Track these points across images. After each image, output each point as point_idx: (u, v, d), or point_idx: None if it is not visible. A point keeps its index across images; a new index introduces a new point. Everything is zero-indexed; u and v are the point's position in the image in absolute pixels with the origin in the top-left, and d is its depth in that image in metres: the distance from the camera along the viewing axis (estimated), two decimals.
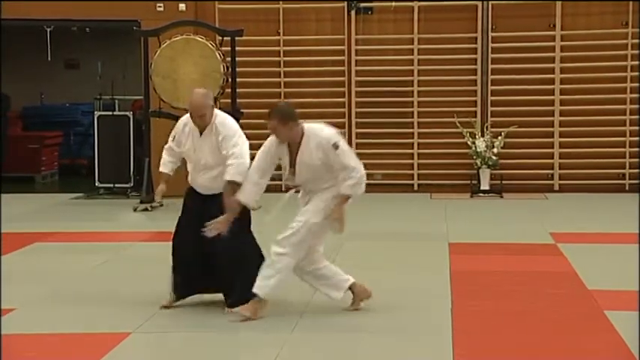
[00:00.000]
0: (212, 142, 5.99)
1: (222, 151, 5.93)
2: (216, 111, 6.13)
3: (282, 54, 12.93)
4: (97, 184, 12.82)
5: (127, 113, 13.01)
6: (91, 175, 13.24)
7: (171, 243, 6.21)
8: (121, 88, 13.51)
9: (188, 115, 6.14)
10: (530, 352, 5.18)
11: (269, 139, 5.98)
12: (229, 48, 11.36)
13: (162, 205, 11.42)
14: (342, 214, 5.80)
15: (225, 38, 11.40)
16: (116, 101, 13.45)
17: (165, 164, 6.37)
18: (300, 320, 5.80)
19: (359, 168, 5.81)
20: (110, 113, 13.02)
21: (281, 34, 12.91)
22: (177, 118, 11.36)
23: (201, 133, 6.06)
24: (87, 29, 13.53)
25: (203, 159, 6.03)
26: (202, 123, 6.02)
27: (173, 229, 6.22)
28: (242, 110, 11.54)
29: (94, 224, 10.16)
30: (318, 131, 5.86)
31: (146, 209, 11.17)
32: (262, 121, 14.06)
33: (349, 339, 5.49)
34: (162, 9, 12.48)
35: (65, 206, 11.83)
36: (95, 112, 13.26)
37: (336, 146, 5.77)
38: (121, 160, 12.67)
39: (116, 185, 12.73)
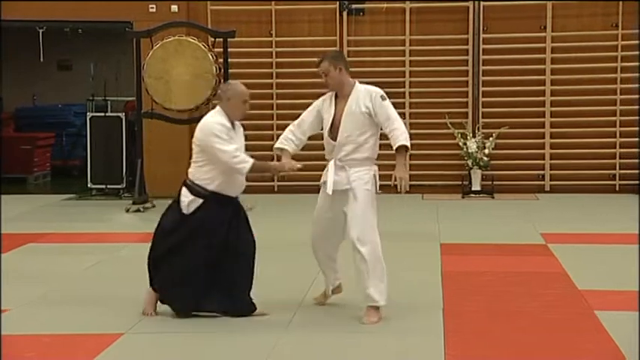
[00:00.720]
0: (239, 134, 6.08)
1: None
2: None
3: (274, 55, 12.95)
4: (89, 185, 12.82)
5: (120, 114, 13.01)
6: (83, 176, 13.23)
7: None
8: (113, 90, 13.52)
9: (216, 116, 5.92)
10: (521, 352, 5.21)
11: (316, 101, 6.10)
12: (222, 49, 11.37)
13: (154, 207, 11.47)
14: (406, 171, 6.09)
15: (217, 39, 11.42)
16: (109, 102, 13.45)
17: None
18: (291, 321, 5.82)
19: (401, 121, 6.03)
20: (103, 114, 13.02)
21: (273, 35, 12.93)
22: (169, 119, 11.52)
23: (234, 129, 6.01)
24: (79, 30, 13.52)
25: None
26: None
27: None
28: None
29: (87, 225, 10.16)
30: (369, 86, 6.07)
31: (138, 210, 11.18)
32: (254, 121, 14.14)
33: (340, 339, 5.51)
34: (154, 10, 12.49)
35: (57, 207, 11.83)
36: (88, 113, 13.25)
37: (383, 98, 5.98)
38: (113, 161, 12.67)
39: (108, 186, 12.73)
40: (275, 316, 5.93)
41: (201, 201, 5.83)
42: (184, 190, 5.88)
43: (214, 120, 5.83)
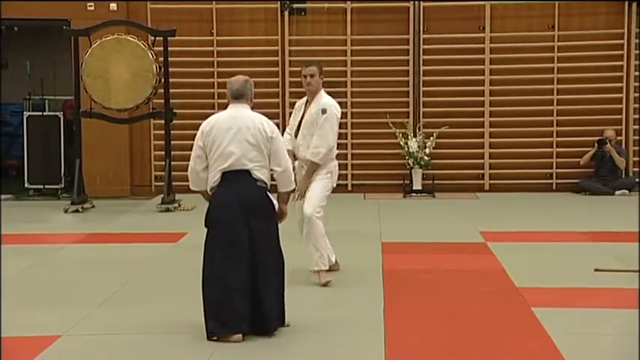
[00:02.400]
0: None
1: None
2: None
3: (215, 54, 12.89)
4: (26, 186, 12.62)
5: (58, 113, 12.83)
6: (20, 176, 13.02)
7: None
8: (51, 88, 13.31)
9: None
10: (460, 348, 5.27)
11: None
12: (162, 48, 11.28)
13: (93, 207, 11.32)
14: (305, 182, 6.81)
15: (157, 38, 11.31)
16: (46, 101, 13.25)
17: None
18: None
19: (330, 144, 6.73)
20: (40, 113, 12.83)
21: (214, 34, 12.87)
22: (108, 119, 11.38)
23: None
24: (15, 28, 13.27)
25: None
26: None
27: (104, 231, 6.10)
28: (175, 111, 11.47)
29: (24, 226, 9.98)
30: (326, 96, 6.93)
31: (77, 210, 11.03)
32: (196, 121, 13.99)
33: (281, 338, 5.50)
34: (92, 8, 12.33)
35: None
36: (24, 113, 13.04)
37: (324, 112, 6.74)
38: (51, 161, 12.50)
39: (46, 186, 12.56)
40: None
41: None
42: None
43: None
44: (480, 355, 5.18)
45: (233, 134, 5.50)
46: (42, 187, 12.53)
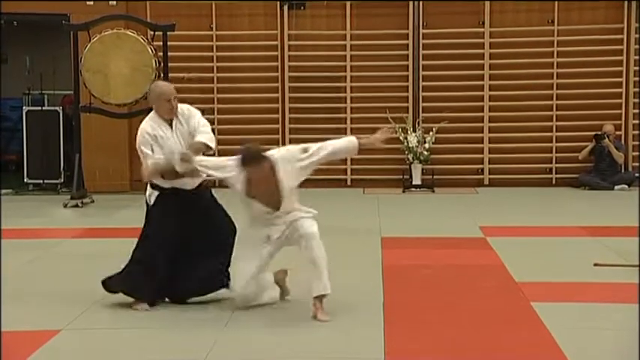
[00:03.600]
0: (184, 129, 6.01)
1: (198, 129, 5.98)
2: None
3: (215, 49, 12.88)
4: (26, 180, 12.62)
5: (57, 108, 12.83)
6: (19, 171, 13.01)
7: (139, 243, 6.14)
8: (50, 83, 13.29)
9: (148, 122, 6.02)
10: (460, 343, 5.27)
11: None
12: (161, 43, 11.27)
13: (93, 202, 11.32)
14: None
15: (156, 33, 11.31)
16: (45, 96, 13.24)
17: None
18: (232, 317, 5.80)
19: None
20: (39, 108, 12.82)
21: (214, 29, 12.86)
22: (108, 114, 11.37)
23: (171, 127, 6.02)
24: (14, 23, 13.26)
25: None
26: (174, 110, 5.99)
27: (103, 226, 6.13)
28: None
29: (24, 221, 9.98)
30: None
31: (77, 205, 11.03)
32: None
33: (281, 334, 5.51)
34: (92, 3, 12.32)
35: None
36: (24, 107, 13.03)
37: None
38: (50, 156, 12.50)
39: (46, 181, 12.56)
40: (215, 312, 5.90)
41: (157, 193, 6.05)
42: (148, 185, 6.12)
43: (142, 128, 6.04)
44: (480, 351, 5.18)
45: None
46: (41, 181, 12.52)
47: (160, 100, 5.99)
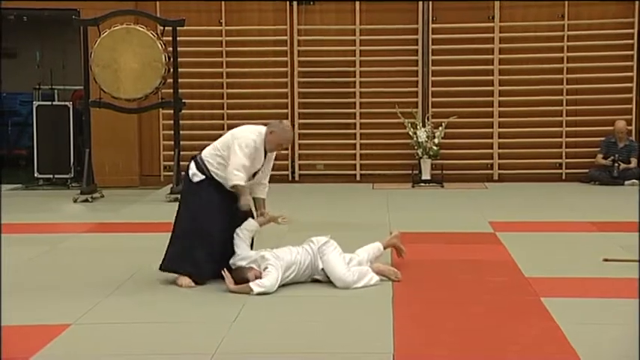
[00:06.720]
0: (268, 164, 6.71)
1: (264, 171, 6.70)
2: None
3: (224, 44, 12.89)
4: (36, 175, 12.67)
5: (67, 103, 12.87)
6: (30, 166, 13.06)
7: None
8: (60, 78, 13.34)
9: (258, 135, 6.51)
10: (469, 338, 5.27)
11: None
12: (171, 38, 11.28)
13: (102, 196, 11.36)
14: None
15: (166, 28, 11.32)
16: (55, 91, 13.28)
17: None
18: (241, 312, 5.81)
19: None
20: (49, 103, 12.88)
21: (223, 24, 12.87)
22: (117, 109, 11.40)
23: (265, 156, 6.62)
24: (24, 18, 13.30)
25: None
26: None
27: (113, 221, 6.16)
28: (184, 101, 11.49)
29: (34, 215, 10.02)
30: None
31: (86, 200, 11.07)
32: (204, 111, 14.01)
33: (290, 329, 5.52)
34: None
35: (4, 198, 11.62)
36: (34, 102, 13.08)
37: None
38: (60, 151, 12.55)
39: (56, 176, 12.60)
40: (226, 305, 5.92)
41: (203, 177, 6.52)
42: (192, 163, 6.58)
43: (250, 134, 6.50)
44: (489, 345, 5.18)
45: None
46: (51, 176, 12.57)
47: (281, 141, 6.61)
